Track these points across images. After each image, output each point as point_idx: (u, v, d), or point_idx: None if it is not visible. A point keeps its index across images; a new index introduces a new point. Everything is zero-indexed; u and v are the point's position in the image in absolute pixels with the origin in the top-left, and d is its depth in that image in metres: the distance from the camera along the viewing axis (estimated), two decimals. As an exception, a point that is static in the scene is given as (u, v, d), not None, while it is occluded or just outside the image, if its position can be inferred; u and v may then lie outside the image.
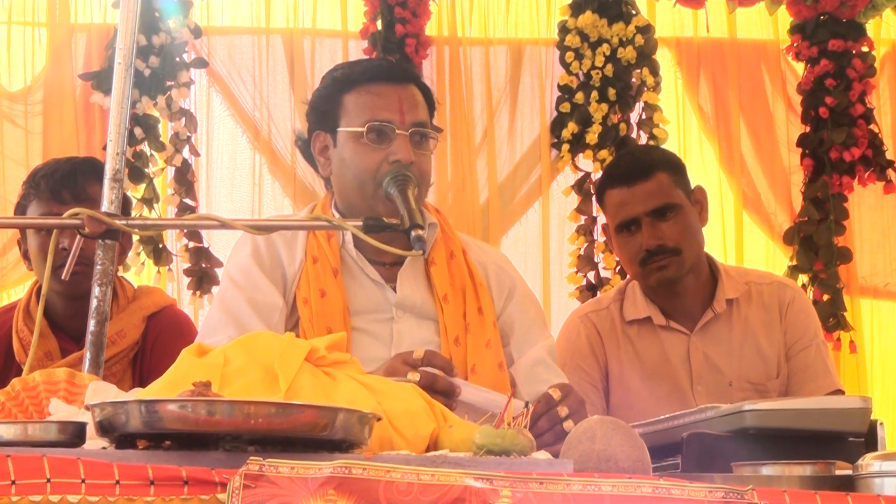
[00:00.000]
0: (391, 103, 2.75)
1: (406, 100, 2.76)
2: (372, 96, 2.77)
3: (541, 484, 1.55)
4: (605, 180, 3.59)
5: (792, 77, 5.64)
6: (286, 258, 2.80)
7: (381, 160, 2.71)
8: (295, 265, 2.79)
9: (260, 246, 2.80)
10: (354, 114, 2.77)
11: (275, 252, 2.80)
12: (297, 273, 2.78)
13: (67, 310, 3.22)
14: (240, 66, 5.47)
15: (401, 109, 2.74)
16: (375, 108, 2.75)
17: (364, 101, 2.77)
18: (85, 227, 2.45)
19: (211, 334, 2.69)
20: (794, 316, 3.49)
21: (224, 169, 5.49)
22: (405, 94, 2.77)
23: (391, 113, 2.74)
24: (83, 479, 1.50)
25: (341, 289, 2.75)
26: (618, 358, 3.49)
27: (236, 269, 2.81)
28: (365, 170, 2.72)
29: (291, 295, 2.77)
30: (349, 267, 2.81)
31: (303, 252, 2.80)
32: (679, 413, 2.44)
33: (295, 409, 1.68)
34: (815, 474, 1.84)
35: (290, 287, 2.78)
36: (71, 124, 5.33)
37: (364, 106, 2.76)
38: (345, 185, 2.79)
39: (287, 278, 2.79)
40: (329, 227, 2.65)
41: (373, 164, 2.72)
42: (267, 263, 2.79)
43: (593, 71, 5.38)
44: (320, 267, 2.76)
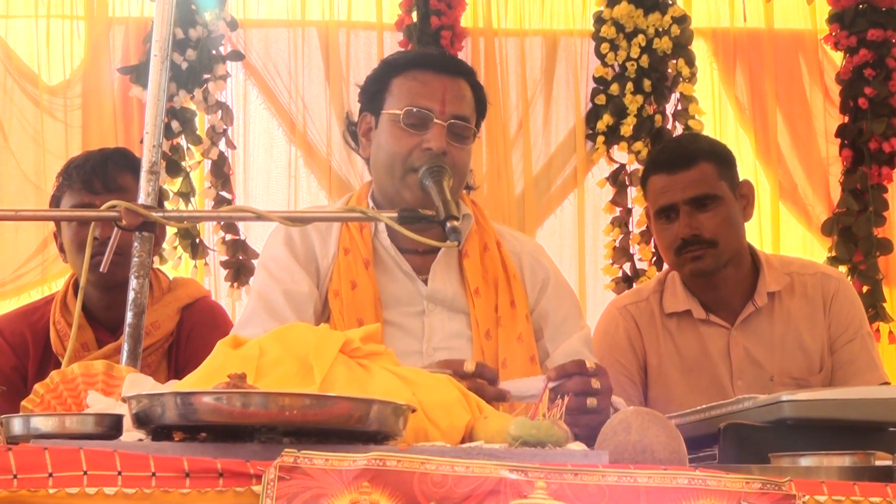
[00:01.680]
0: (434, 92, 2.74)
1: (450, 91, 2.75)
2: (417, 83, 2.77)
3: (576, 475, 1.55)
4: (648, 165, 3.58)
5: (830, 67, 5.60)
6: (320, 250, 2.80)
7: (414, 146, 2.71)
8: (329, 258, 2.79)
9: (294, 238, 2.81)
10: (398, 97, 2.77)
11: (309, 244, 2.81)
12: (331, 265, 2.78)
13: (102, 301, 3.23)
14: (275, 58, 5.49)
15: (443, 99, 2.73)
16: (418, 94, 2.75)
17: (409, 87, 2.77)
18: (122, 220, 2.46)
19: (247, 326, 2.70)
20: (838, 308, 3.45)
21: (260, 162, 5.52)
22: (451, 86, 2.76)
23: (432, 101, 2.73)
24: (119, 471, 1.51)
25: (373, 280, 2.75)
26: (657, 352, 3.47)
27: (271, 261, 2.81)
28: (397, 153, 2.73)
29: (325, 287, 2.77)
30: (381, 258, 2.80)
31: (336, 244, 2.80)
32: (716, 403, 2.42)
33: (329, 400, 1.68)
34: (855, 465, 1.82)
35: (323, 279, 2.78)
36: (110, 118, 5.37)
37: (408, 91, 2.76)
38: (378, 168, 2.79)
39: (321, 270, 2.79)
40: (364, 218, 2.65)
41: (405, 148, 2.72)
42: (301, 255, 2.79)
43: (628, 62, 5.36)
44: (352, 258, 2.76)
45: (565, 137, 5.54)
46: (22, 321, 3.33)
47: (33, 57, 5.42)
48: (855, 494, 1.60)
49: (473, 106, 2.81)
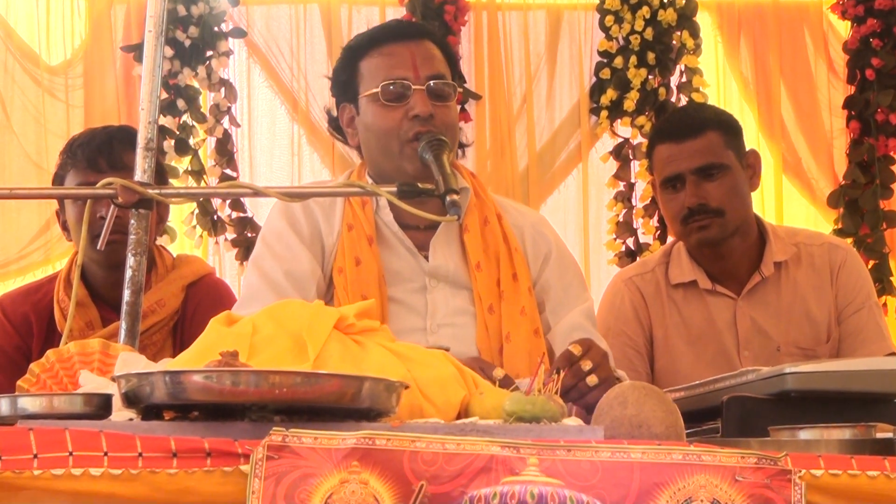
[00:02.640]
0: (404, 60, 2.74)
1: (419, 55, 2.75)
2: (384, 57, 2.76)
3: (569, 451, 1.53)
4: (655, 135, 3.56)
5: (835, 39, 5.57)
6: (325, 228, 2.79)
7: (400, 118, 2.70)
8: (333, 235, 2.78)
9: (298, 215, 2.79)
10: (370, 78, 2.76)
11: (314, 221, 2.79)
12: (335, 242, 2.77)
13: (107, 279, 3.22)
14: (277, 36, 5.48)
15: (414, 65, 2.73)
16: (389, 67, 2.74)
17: (378, 63, 2.76)
18: (118, 197, 2.44)
19: (251, 303, 2.67)
20: (845, 278, 3.42)
21: (263, 140, 5.51)
22: (418, 50, 2.76)
23: (405, 70, 2.73)
24: (106, 451, 1.49)
25: (376, 257, 2.74)
26: (662, 323, 3.45)
27: (274, 237, 2.80)
28: (387, 130, 2.72)
29: (329, 265, 2.76)
30: (384, 235, 2.79)
31: (340, 220, 2.78)
32: (720, 376, 2.41)
33: (321, 378, 1.66)
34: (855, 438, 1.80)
35: (328, 256, 2.77)
36: (112, 97, 5.36)
37: (378, 68, 2.76)
38: (371, 150, 2.78)
39: (325, 248, 2.78)
40: (363, 193, 2.63)
41: (393, 122, 2.71)
42: (306, 232, 2.77)
43: (632, 35, 5.33)
44: (355, 235, 2.75)
45: (569, 112, 5.52)
46: (25, 300, 3.31)
47: (34, 36, 5.40)
48: (852, 468, 1.58)
49: (445, 62, 2.80)
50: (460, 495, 1.52)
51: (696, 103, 5.10)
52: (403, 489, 1.52)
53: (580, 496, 1.53)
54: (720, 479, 1.53)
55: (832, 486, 1.59)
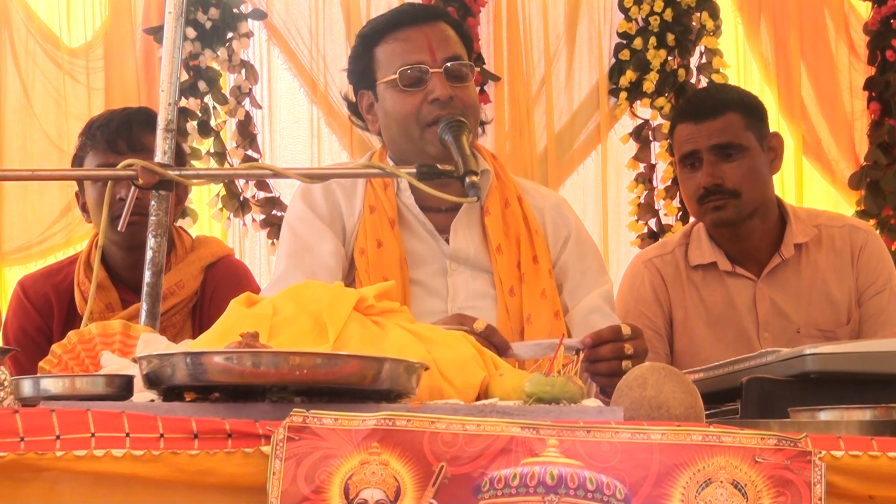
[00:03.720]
0: (419, 44, 2.74)
1: (434, 37, 2.75)
2: (400, 42, 2.77)
3: (588, 432, 1.53)
4: (676, 114, 3.57)
5: (855, 21, 5.54)
6: (346, 209, 2.79)
7: (420, 102, 2.71)
8: (354, 216, 2.78)
9: (318, 197, 2.79)
10: (387, 64, 2.77)
11: (335, 202, 2.80)
12: (357, 223, 2.77)
13: (127, 261, 3.23)
14: (296, 18, 5.47)
15: (430, 48, 2.73)
16: (405, 52, 2.75)
17: (393, 49, 2.77)
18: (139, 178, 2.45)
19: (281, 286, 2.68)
20: (866, 260, 3.42)
21: (283, 122, 5.51)
22: (432, 32, 2.76)
23: (421, 54, 2.73)
24: (127, 432, 1.50)
25: (398, 239, 2.74)
26: (682, 304, 3.45)
27: (297, 220, 2.80)
28: (407, 115, 2.72)
29: (350, 246, 2.77)
30: (405, 217, 2.79)
31: (362, 202, 2.79)
32: (740, 358, 2.41)
33: (341, 359, 1.67)
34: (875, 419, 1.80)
35: (349, 238, 2.78)
36: (132, 79, 5.37)
37: (394, 53, 2.76)
38: (393, 136, 2.79)
39: (347, 229, 2.78)
40: (383, 174, 2.64)
41: (412, 107, 2.71)
42: (326, 214, 2.78)
43: (651, 17, 5.31)
44: (377, 217, 2.76)
45: (588, 94, 5.50)
46: (46, 282, 3.33)
47: (54, 19, 5.41)
48: (873, 449, 1.58)
49: (461, 43, 2.80)
50: (480, 476, 1.53)
51: (721, 84, 5.08)
52: (424, 470, 1.53)
53: (600, 477, 1.53)
54: (740, 461, 1.53)
55: (853, 467, 1.59)
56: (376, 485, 1.52)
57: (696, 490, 1.53)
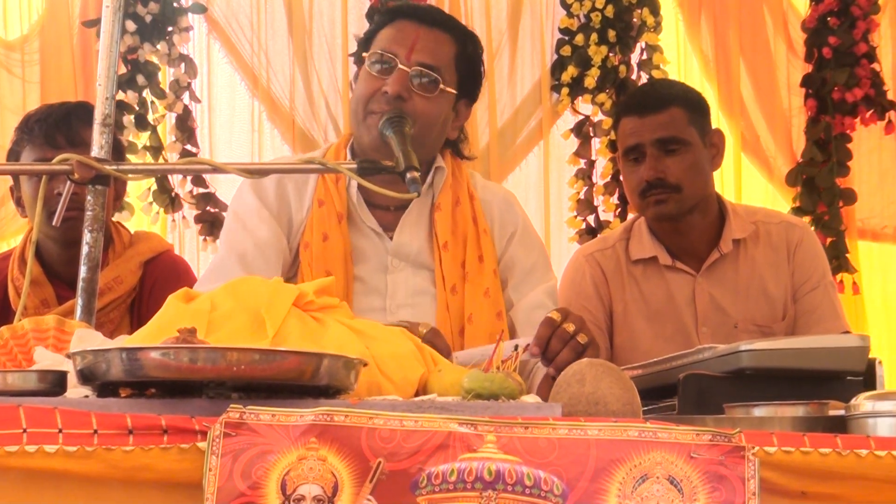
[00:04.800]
0: (405, 38, 2.74)
1: (423, 40, 2.74)
2: (394, 30, 2.77)
3: (526, 428, 1.54)
4: (621, 108, 3.61)
5: (794, 18, 5.57)
6: (295, 202, 2.78)
7: (376, 89, 2.70)
8: (303, 210, 2.78)
9: (268, 188, 2.78)
10: (376, 44, 2.78)
11: (284, 195, 2.79)
12: (305, 217, 2.77)
13: (63, 256, 3.20)
14: (237, 12, 5.42)
15: (411, 47, 2.72)
16: (390, 39, 2.76)
17: (386, 34, 2.78)
18: (75, 173, 2.42)
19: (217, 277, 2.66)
20: (802, 256, 3.45)
21: (223, 116, 5.46)
22: (425, 35, 2.75)
23: (400, 47, 2.73)
24: (60, 429, 1.49)
25: (344, 234, 2.73)
26: (622, 299, 3.46)
27: (242, 210, 2.79)
28: (361, 95, 2.73)
29: (297, 239, 2.76)
30: (352, 213, 2.79)
31: (311, 196, 2.78)
32: (677, 354, 2.42)
33: (279, 355, 1.66)
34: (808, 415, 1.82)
35: (296, 231, 2.77)
36: (69, 73, 5.30)
37: (384, 37, 2.77)
38: (350, 111, 2.80)
39: (294, 223, 2.77)
40: (322, 170, 2.62)
41: (368, 91, 2.71)
42: (274, 205, 2.77)
43: (593, 13, 5.32)
44: (325, 211, 2.75)
45: (530, 89, 5.50)
46: (-23, 278, 3.29)
47: (-10, 12, 5.34)
48: (804, 445, 1.59)
49: (451, 60, 2.77)
50: (418, 472, 1.53)
51: (665, 79, 5.10)
52: (361, 466, 1.52)
53: (537, 473, 1.53)
54: (676, 456, 1.54)
55: (785, 462, 1.60)
56: (314, 480, 1.52)
57: (632, 485, 1.54)
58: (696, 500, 1.53)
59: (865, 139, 5.47)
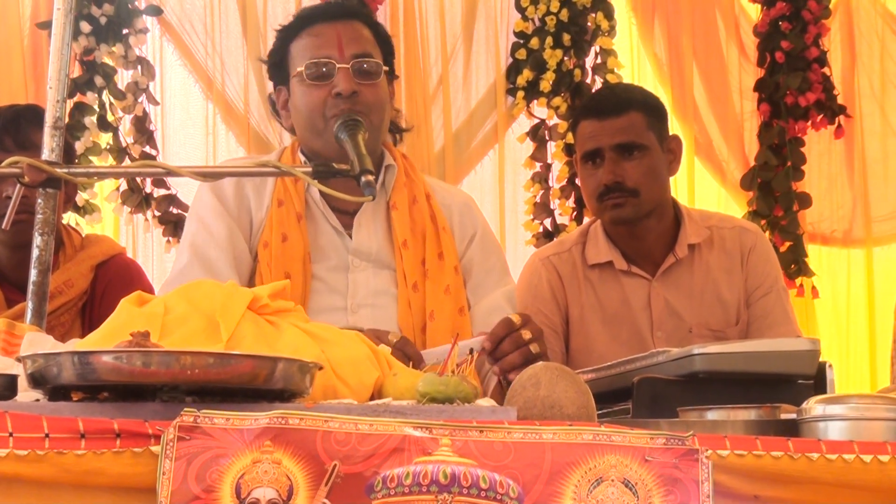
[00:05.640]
0: (330, 40, 2.76)
1: (345, 34, 2.77)
2: (312, 37, 2.79)
3: (481, 432, 1.54)
4: (580, 111, 3.61)
5: (746, 23, 5.61)
6: (254, 203, 2.79)
7: (325, 96, 2.72)
8: (262, 210, 2.78)
9: (227, 190, 2.78)
10: (299, 58, 2.79)
11: (243, 196, 2.79)
12: (264, 218, 2.77)
13: (12, 259, 3.17)
14: (191, 14, 5.40)
15: (339, 44, 2.75)
16: (315, 47, 2.77)
17: (305, 44, 2.79)
18: (25, 176, 2.40)
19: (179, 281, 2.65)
20: (755, 262, 3.47)
21: (177, 119, 5.43)
22: (344, 29, 2.78)
23: (330, 49, 2.75)
24: (11, 432, 1.47)
25: (303, 234, 2.74)
26: (578, 302, 3.47)
27: (202, 213, 2.79)
28: (312, 108, 2.73)
29: (256, 239, 2.76)
30: (312, 212, 2.79)
31: (270, 196, 2.79)
32: (631, 358, 2.44)
33: (233, 359, 1.66)
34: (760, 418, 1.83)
35: (256, 232, 2.77)
36: (19, 75, 5.24)
37: (305, 48, 2.79)
38: (301, 129, 2.80)
39: (254, 223, 2.78)
40: (277, 173, 2.61)
41: (318, 100, 2.73)
42: (234, 207, 2.77)
43: (548, 17, 5.33)
44: (285, 211, 2.76)
45: (485, 93, 5.50)
46: (-74, 282, 3.26)
47: (-63, 12, 5.28)
48: (757, 449, 1.61)
49: (374, 42, 2.82)
50: (373, 475, 1.53)
51: (625, 84, 5.12)
52: (316, 469, 1.52)
53: (493, 475, 1.53)
54: (630, 459, 1.55)
55: (738, 466, 1.61)
56: (268, 483, 1.51)
57: (587, 488, 1.54)
58: (651, 502, 1.54)
59: (815, 143, 5.52)
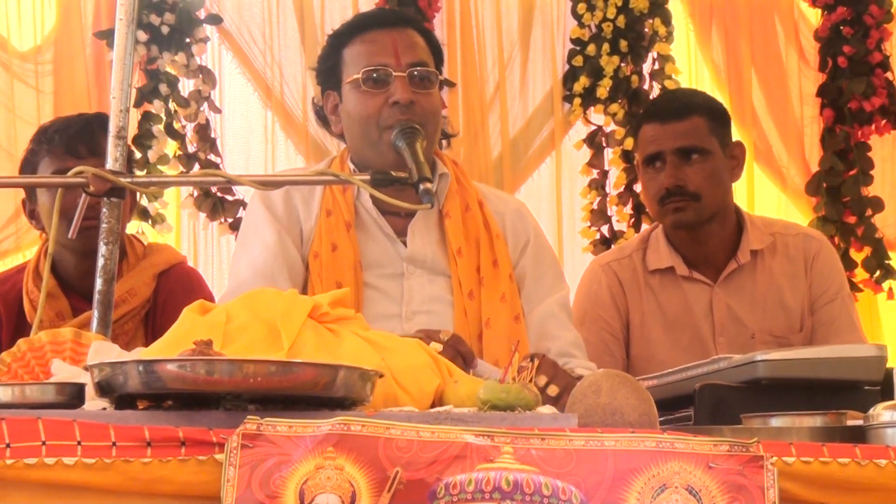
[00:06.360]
0: (386, 47, 2.75)
1: (401, 42, 2.77)
2: (367, 44, 2.78)
3: (542, 440, 1.53)
4: (642, 115, 3.63)
5: (805, 27, 5.57)
6: (303, 213, 2.79)
7: (381, 104, 2.71)
8: (311, 220, 2.78)
9: (276, 200, 2.79)
10: (353, 64, 2.78)
11: (292, 207, 2.80)
12: (313, 227, 2.77)
13: (79, 268, 3.19)
14: (249, 23, 5.44)
15: (396, 52, 2.74)
16: (371, 54, 2.76)
17: (360, 51, 2.78)
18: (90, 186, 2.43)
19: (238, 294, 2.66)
20: (820, 269, 3.45)
21: (237, 127, 5.47)
22: (400, 37, 2.78)
23: (386, 56, 2.74)
24: (79, 441, 1.49)
25: (353, 243, 2.74)
26: (639, 308, 3.46)
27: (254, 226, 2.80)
28: (367, 116, 2.72)
29: (306, 249, 2.77)
30: (363, 220, 2.79)
31: (319, 206, 2.79)
32: (692, 364, 2.42)
33: (295, 367, 1.67)
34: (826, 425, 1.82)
35: (306, 242, 2.78)
36: (82, 84, 5.31)
37: (360, 54, 2.77)
38: (353, 137, 2.79)
39: (304, 234, 2.79)
40: (336, 181, 2.63)
41: (373, 109, 2.72)
42: (283, 218, 2.78)
43: (605, 23, 5.32)
44: (333, 220, 2.76)
45: (542, 100, 5.50)
46: (-7, 291, 3.29)
47: (3, 22, 5.34)
48: (823, 455, 1.59)
49: (428, 51, 2.82)
50: (436, 481, 1.53)
51: (688, 88, 5.12)
52: (379, 475, 1.52)
53: (555, 482, 1.53)
54: (694, 466, 1.54)
55: (804, 473, 1.60)
56: (332, 489, 1.52)
57: (651, 495, 1.53)
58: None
59: (879, 148, 5.47)
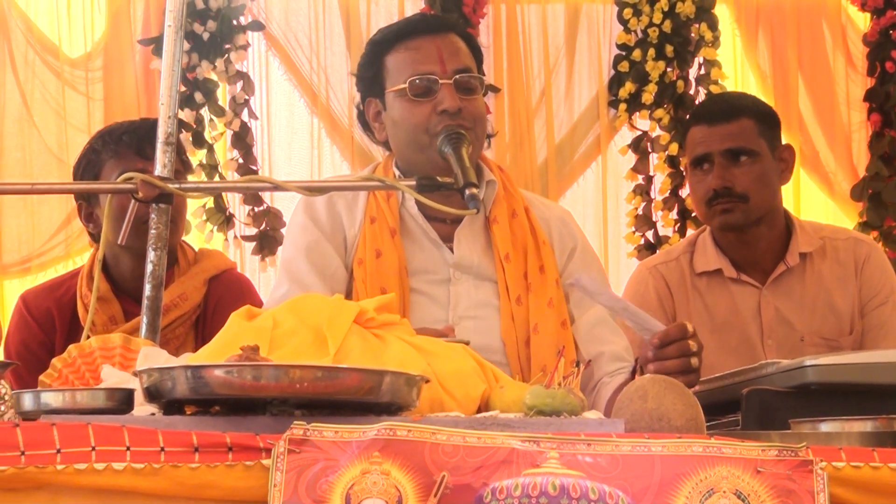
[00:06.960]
0: (430, 55, 2.74)
1: (445, 48, 2.75)
2: (411, 52, 2.76)
3: (589, 445, 1.53)
4: (690, 117, 3.61)
5: (853, 32, 5.54)
6: (346, 220, 2.79)
7: (429, 112, 2.70)
8: (355, 227, 2.78)
9: (319, 208, 2.79)
10: (397, 73, 2.76)
11: (335, 214, 2.80)
12: (357, 234, 2.78)
13: (134, 272, 3.20)
14: (296, 29, 5.48)
15: (441, 59, 2.73)
16: (415, 62, 2.74)
17: (404, 58, 2.76)
18: (139, 192, 2.45)
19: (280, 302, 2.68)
20: (870, 272, 3.43)
21: (282, 133, 5.51)
22: (444, 44, 2.76)
23: (432, 64, 2.73)
24: (128, 446, 1.50)
25: (398, 249, 2.74)
26: (686, 311, 3.45)
27: (297, 234, 2.80)
28: (415, 125, 2.72)
29: (351, 257, 2.77)
30: (408, 226, 2.79)
31: (363, 213, 2.79)
32: (740, 369, 2.41)
33: (341, 372, 1.67)
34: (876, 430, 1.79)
35: (350, 249, 2.78)
36: (132, 90, 5.37)
37: (404, 62, 2.76)
38: (400, 145, 2.79)
39: (347, 240, 2.79)
40: (383, 186, 2.64)
41: (422, 117, 2.71)
42: (327, 226, 2.78)
43: (651, 28, 5.32)
44: (377, 227, 2.76)
45: (588, 105, 5.51)
46: (48, 296, 3.31)
47: (54, 29, 5.41)
48: (874, 460, 1.58)
49: (471, 56, 2.80)
50: (482, 486, 1.53)
51: (737, 91, 5.10)
52: (425, 480, 1.53)
53: (602, 487, 1.53)
54: (742, 471, 1.53)
55: (854, 478, 1.58)
56: (378, 494, 1.52)
57: (699, 499, 1.53)
58: (765, 515, 1.52)
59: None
